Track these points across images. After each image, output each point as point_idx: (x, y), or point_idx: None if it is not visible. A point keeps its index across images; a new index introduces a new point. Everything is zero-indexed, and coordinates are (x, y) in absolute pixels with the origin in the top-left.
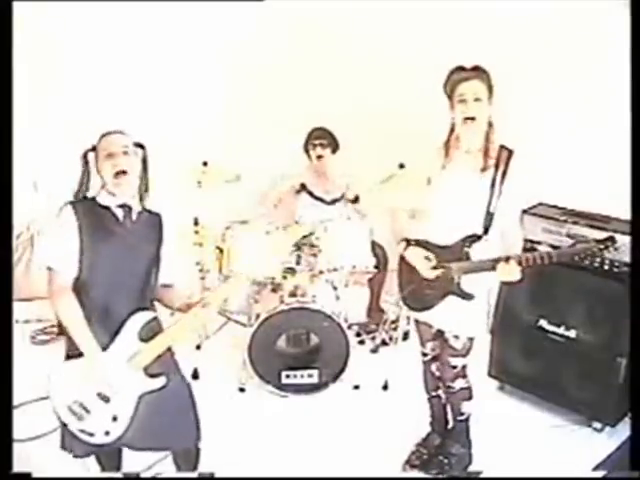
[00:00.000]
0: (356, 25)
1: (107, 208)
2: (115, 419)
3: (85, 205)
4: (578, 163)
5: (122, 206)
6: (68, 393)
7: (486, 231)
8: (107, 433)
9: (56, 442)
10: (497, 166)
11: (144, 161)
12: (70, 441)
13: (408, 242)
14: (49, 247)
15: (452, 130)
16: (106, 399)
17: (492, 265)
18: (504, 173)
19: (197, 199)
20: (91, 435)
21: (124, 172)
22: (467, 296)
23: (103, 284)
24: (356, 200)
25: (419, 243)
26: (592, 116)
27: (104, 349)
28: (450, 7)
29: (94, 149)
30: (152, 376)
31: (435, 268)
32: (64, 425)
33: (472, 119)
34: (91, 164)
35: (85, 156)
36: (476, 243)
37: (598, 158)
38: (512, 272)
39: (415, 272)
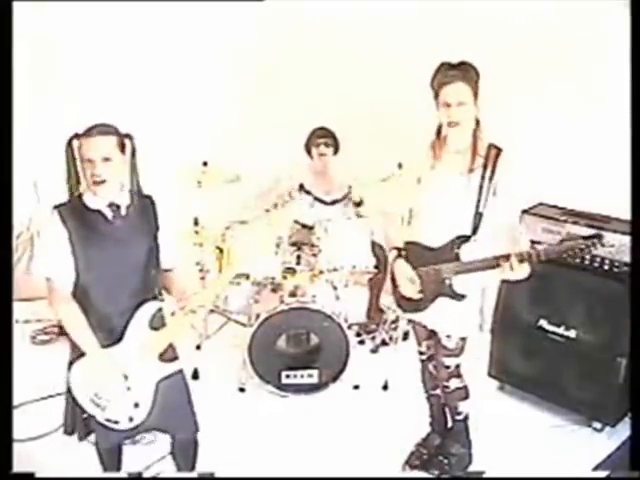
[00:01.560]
0: (355, 25)
1: (95, 210)
2: (137, 405)
3: (72, 209)
4: (577, 163)
5: (110, 205)
6: (89, 387)
7: (475, 231)
8: (131, 419)
9: (55, 442)
10: (485, 165)
11: (132, 153)
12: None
13: (398, 252)
14: (43, 257)
15: (439, 131)
16: (125, 389)
17: (483, 265)
18: (493, 172)
19: (197, 199)
20: (116, 422)
21: (103, 181)
22: (458, 297)
23: (103, 285)
24: (360, 204)
25: (410, 248)
26: (592, 115)
27: (116, 342)
28: (451, 7)
29: (77, 136)
30: (167, 361)
31: (420, 292)
32: (91, 417)
33: (457, 124)
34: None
35: (70, 143)
36: (465, 244)
37: (597, 158)
38: (507, 271)
39: None
